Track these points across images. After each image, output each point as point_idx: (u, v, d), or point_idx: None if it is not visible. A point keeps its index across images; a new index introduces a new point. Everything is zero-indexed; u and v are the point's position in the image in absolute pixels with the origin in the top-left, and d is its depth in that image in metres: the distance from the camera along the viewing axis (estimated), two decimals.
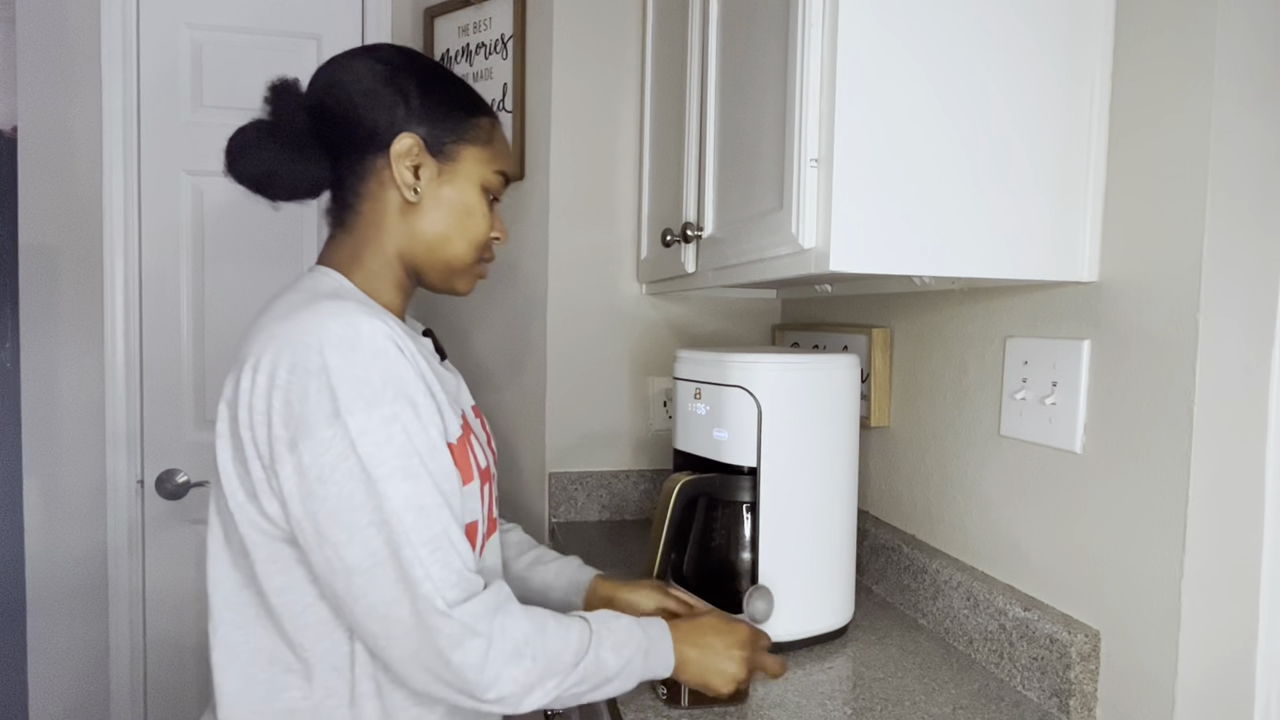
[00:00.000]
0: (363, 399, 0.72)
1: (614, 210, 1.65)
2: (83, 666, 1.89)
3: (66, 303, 1.84)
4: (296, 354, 0.73)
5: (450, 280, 0.91)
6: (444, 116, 0.87)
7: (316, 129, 0.85)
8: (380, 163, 0.85)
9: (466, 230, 0.89)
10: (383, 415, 0.73)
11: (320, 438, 0.71)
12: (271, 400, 0.73)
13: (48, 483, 1.85)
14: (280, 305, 0.79)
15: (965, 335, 1.12)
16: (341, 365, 0.72)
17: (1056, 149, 0.88)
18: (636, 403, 1.69)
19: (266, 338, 0.75)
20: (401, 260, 0.88)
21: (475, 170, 0.89)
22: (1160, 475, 0.81)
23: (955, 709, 0.93)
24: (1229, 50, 0.75)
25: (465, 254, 0.90)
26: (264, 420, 0.73)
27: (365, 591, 0.72)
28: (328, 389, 0.72)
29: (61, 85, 1.81)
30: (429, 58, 0.91)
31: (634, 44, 1.63)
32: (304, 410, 0.72)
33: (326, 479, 0.72)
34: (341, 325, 0.73)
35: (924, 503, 1.22)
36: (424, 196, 0.86)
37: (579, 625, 0.80)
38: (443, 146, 0.87)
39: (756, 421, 1.05)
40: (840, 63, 0.81)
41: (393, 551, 0.72)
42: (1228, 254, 0.76)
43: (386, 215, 0.86)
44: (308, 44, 1.93)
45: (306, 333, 0.73)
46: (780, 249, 0.92)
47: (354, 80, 0.85)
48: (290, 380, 0.72)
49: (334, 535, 0.72)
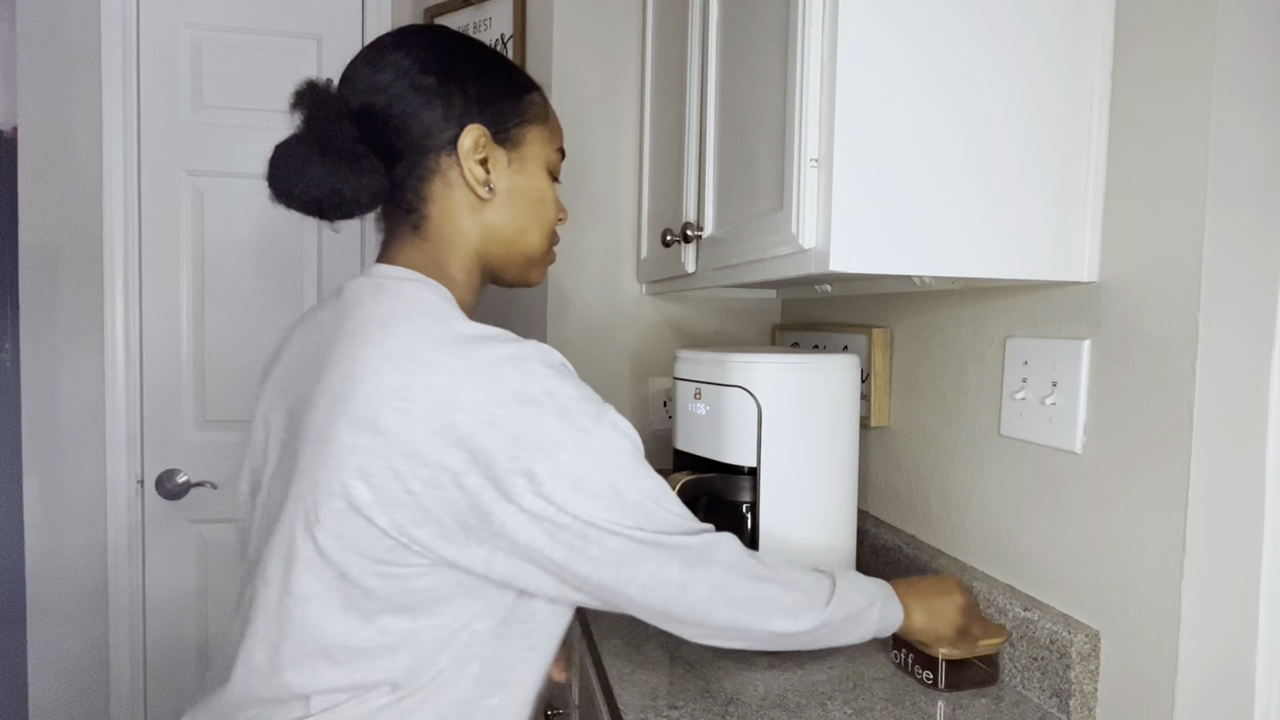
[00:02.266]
0: (588, 415, 0.70)
1: (614, 210, 1.65)
2: (83, 667, 1.89)
3: (66, 303, 1.84)
4: (500, 387, 0.67)
5: (527, 273, 0.87)
6: (503, 99, 0.80)
7: (366, 136, 0.76)
8: (444, 161, 0.79)
9: (541, 217, 0.84)
10: (610, 422, 0.72)
11: (560, 460, 0.68)
12: (479, 439, 0.66)
13: (48, 483, 1.85)
14: (418, 326, 0.70)
15: (965, 335, 1.12)
16: (560, 389, 0.70)
17: (1056, 148, 0.88)
18: (636, 403, 1.69)
19: (449, 371, 0.67)
20: (480, 261, 0.83)
21: (541, 152, 0.84)
22: (1160, 475, 0.81)
23: (955, 709, 0.93)
24: (1229, 50, 0.75)
25: (541, 243, 0.86)
26: (471, 463, 0.66)
27: (637, 568, 0.72)
28: (559, 413, 0.69)
29: (61, 85, 1.81)
30: (463, 35, 0.83)
31: (634, 44, 1.63)
32: (535, 440, 0.67)
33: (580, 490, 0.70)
34: (532, 349, 0.70)
35: (924, 503, 1.22)
36: (497, 189, 0.81)
37: (811, 570, 0.87)
38: (508, 132, 0.81)
39: (756, 421, 1.05)
40: (840, 63, 0.81)
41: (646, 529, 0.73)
42: (1228, 254, 0.76)
43: (459, 216, 0.81)
44: (308, 44, 1.93)
45: (501, 363, 0.68)
46: (780, 249, 0.92)
47: (398, 77, 0.78)
48: (499, 414, 0.67)
49: (594, 535, 0.70)
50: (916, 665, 0.98)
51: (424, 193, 0.80)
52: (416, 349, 0.68)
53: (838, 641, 0.87)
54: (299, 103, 0.76)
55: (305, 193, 0.75)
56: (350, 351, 0.70)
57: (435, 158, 0.79)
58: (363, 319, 0.72)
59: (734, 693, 0.96)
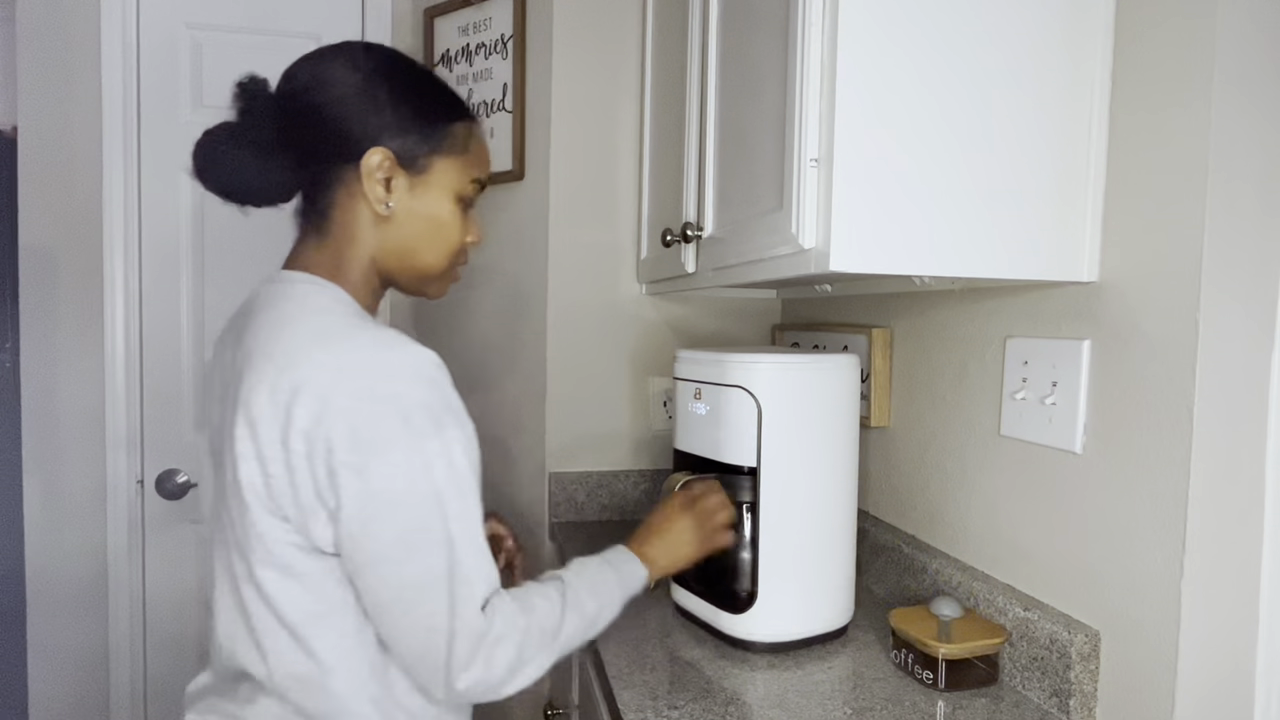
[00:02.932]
0: (433, 424, 0.74)
1: (614, 210, 1.65)
2: (83, 666, 1.89)
3: (66, 303, 1.84)
4: (359, 382, 0.73)
5: (423, 287, 0.91)
6: (417, 128, 0.84)
7: (285, 132, 0.82)
8: (351, 174, 0.83)
9: (439, 241, 0.87)
10: (449, 438, 0.75)
11: (393, 461, 0.72)
12: (333, 426, 0.72)
13: (48, 483, 1.85)
14: (305, 328, 0.76)
15: (965, 335, 1.12)
16: (410, 392, 0.74)
17: (1056, 149, 0.88)
18: (636, 403, 1.69)
19: (316, 366, 0.73)
20: (376, 267, 0.87)
21: (449, 180, 0.86)
22: (1160, 475, 0.81)
23: (955, 709, 0.93)
24: (1229, 50, 0.75)
25: (438, 263, 0.89)
26: (324, 447, 0.72)
27: (416, 604, 0.74)
28: (399, 415, 0.73)
29: (61, 85, 1.81)
30: (407, 58, 0.88)
31: (634, 44, 1.63)
32: (374, 435, 0.72)
33: (399, 502, 0.73)
34: (402, 354, 0.75)
35: (924, 503, 1.22)
36: (396, 209, 0.84)
37: (555, 584, 0.86)
38: (415, 160, 0.84)
39: (756, 421, 1.05)
40: (840, 63, 0.81)
41: (450, 568, 0.74)
42: (1228, 254, 0.76)
43: (359, 224, 0.85)
44: (308, 44, 1.90)
45: (368, 361, 0.74)
46: (780, 249, 0.92)
47: (325, 86, 0.82)
48: (355, 407, 0.72)
49: (395, 554, 0.74)
50: (916, 665, 0.98)
51: (330, 197, 0.85)
52: (290, 347, 0.75)
53: (597, 629, 0.88)
54: (237, 94, 0.83)
55: (218, 177, 0.82)
56: (244, 351, 0.79)
57: (343, 168, 0.83)
58: (261, 322, 0.80)
59: (734, 693, 0.96)
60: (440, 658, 0.75)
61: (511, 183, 1.70)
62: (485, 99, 1.74)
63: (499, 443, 1.76)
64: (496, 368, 1.76)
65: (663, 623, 1.17)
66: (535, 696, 1.66)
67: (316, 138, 0.82)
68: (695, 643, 1.10)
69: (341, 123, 0.82)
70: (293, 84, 0.84)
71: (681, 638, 1.12)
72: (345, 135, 0.82)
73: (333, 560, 0.76)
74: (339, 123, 0.82)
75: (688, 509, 1.03)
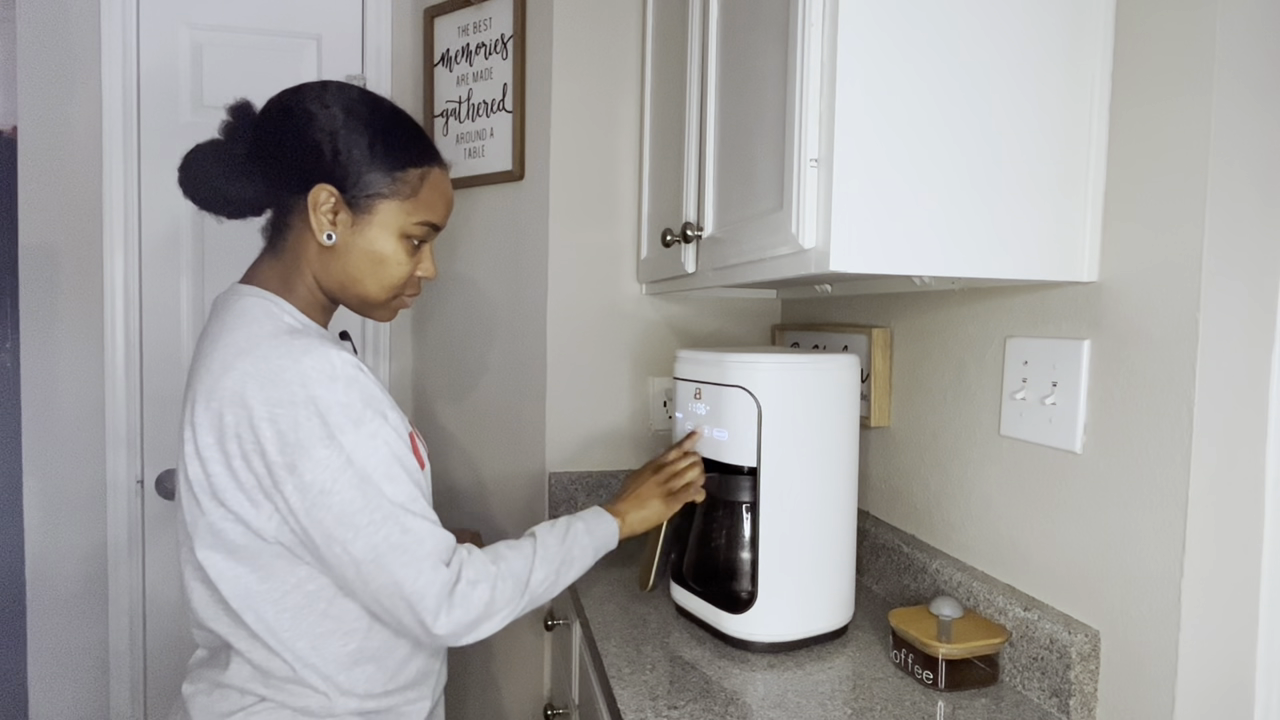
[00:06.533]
0: (349, 420, 0.83)
1: (614, 210, 1.65)
2: (83, 666, 1.89)
3: (66, 303, 1.84)
4: (279, 390, 0.81)
5: (366, 311, 0.98)
6: (364, 173, 0.90)
7: (255, 157, 0.91)
8: (302, 203, 0.90)
9: (378, 276, 0.93)
10: (368, 431, 0.84)
11: (317, 458, 0.81)
12: (261, 431, 0.81)
13: (48, 483, 1.85)
14: (236, 339, 0.85)
15: (965, 335, 1.12)
16: (325, 394, 0.82)
17: (1056, 149, 0.88)
18: (636, 403, 1.69)
19: (240, 375, 0.82)
20: (321, 287, 0.95)
21: (393, 220, 0.92)
22: (1160, 475, 0.81)
23: (955, 709, 0.93)
24: (1229, 50, 0.75)
25: (379, 294, 0.95)
26: (256, 450, 0.81)
27: (374, 576, 0.83)
28: (317, 416, 0.81)
29: (61, 85, 1.81)
30: (380, 102, 0.94)
31: (634, 44, 1.63)
32: (298, 436, 0.81)
33: (329, 490, 0.82)
34: (316, 359, 0.82)
35: (924, 502, 1.22)
36: (338, 242, 0.91)
37: (526, 538, 0.96)
38: (359, 200, 0.90)
39: (756, 421, 1.05)
40: (840, 63, 0.81)
41: (397, 537, 0.83)
42: (1228, 254, 0.76)
43: (307, 249, 0.92)
44: (308, 44, 1.93)
45: (285, 370, 0.81)
46: (780, 249, 0.92)
47: (292, 120, 0.90)
48: (277, 413, 0.81)
49: (341, 535, 0.83)
50: (916, 665, 0.98)
51: (287, 220, 0.93)
52: (226, 355, 0.84)
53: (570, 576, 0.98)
54: (227, 115, 0.93)
55: (197, 189, 0.91)
56: (195, 358, 0.88)
57: (298, 197, 0.91)
58: (207, 331, 0.90)
59: (734, 693, 0.96)
60: (413, 615, 0.84)
61: (511, 183, 1.70)
62: (485, 99, 1.74)
63: (499, 443, 1.76)
64: (496, 367, 1.76)
65: (663, 623, 1.17)
66: (535, 697, 1.66)
67: (278, 167, 0.91)
68: (695, 643, 1.10)
69: (298, 157, 0.89)
70: (269, 114, 0.92)
71: (681, 638, 1.12)
72: (299, 169, 0.90)
73: (276, 546, 0.85)
74: (296, 156, 0.90)
75: (657, 468, 1.13)
